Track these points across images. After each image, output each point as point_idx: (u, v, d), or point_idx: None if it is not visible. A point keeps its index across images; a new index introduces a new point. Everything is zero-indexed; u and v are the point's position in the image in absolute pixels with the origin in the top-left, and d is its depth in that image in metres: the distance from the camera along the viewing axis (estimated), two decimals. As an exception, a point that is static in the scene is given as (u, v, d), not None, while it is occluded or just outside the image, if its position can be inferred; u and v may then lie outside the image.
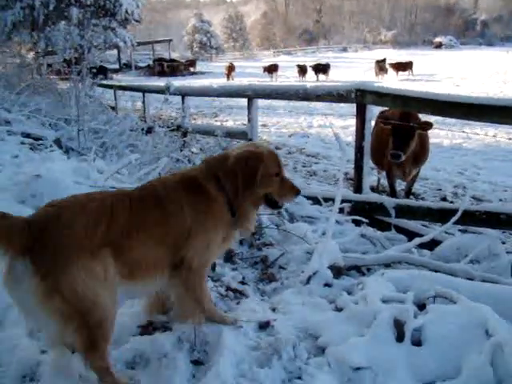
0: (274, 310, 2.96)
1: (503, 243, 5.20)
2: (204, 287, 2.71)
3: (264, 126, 15.45)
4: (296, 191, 2.79)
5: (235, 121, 16.22)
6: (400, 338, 2.51)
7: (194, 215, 2.51)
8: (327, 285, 3.29)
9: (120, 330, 2.50)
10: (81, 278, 2.05)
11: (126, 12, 24.44)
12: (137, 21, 27.19)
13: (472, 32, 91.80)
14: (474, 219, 4.59)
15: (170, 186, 2.55)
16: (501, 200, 7.60)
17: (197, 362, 2.46)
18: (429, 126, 5.83)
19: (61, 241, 2.04)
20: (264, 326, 2.70)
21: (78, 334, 2.12)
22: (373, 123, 5.93)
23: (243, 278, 3.43)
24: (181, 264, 2.54)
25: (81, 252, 2.07)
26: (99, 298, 2.12)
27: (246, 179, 2.60)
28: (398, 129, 5.74)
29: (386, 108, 6.36)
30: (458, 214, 4.29)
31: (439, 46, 76.38)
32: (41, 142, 7.49)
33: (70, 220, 2.11)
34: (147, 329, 2.69)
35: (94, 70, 11.80)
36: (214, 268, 3.41)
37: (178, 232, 2.48)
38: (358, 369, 2.37)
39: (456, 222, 4.35)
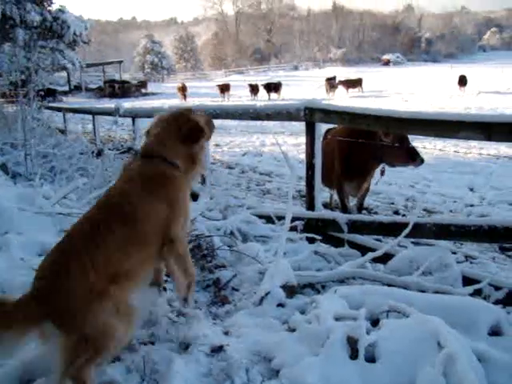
0: (226, 333, 2.88)
1: (454, 253, 5.30)
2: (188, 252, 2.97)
3: (217, 145, 15.43)
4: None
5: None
6: (354, 355, 2.48)
7: (166, 204, 2.65)
8: (280, 305, 3.23)
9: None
10: (98, 316, 2.21)
11: (74, 34, 24.25)
12: (85, 42, 27.05)
13: (417, 49, 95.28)
14: (425, 231, 4.63)
15: (132, 193, 2.60)
16: (451, 211, 7.79)
17: (147, 393, 2.37)
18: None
19: (67, 300, 2.20)
20: (216, 350, 2.62)
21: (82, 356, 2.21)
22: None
23: (195, 301, 3.34)
24: (170, 242, 2.70)
25: (87, 299, 2.21)
26: (108, 327, 2.24)
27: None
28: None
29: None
30: (409, 227, 4.34)
31: (387, 63, 78.72)
32: (-15, 168, 7.26)
33: (66, 282, 2.21)
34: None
35: (42, 93, 11.60)
36: (165, 289, 3.34)
37: (158, 227, 2.63)
38: (313, 390, 2.33)
39: (408, 235, 4.39)
